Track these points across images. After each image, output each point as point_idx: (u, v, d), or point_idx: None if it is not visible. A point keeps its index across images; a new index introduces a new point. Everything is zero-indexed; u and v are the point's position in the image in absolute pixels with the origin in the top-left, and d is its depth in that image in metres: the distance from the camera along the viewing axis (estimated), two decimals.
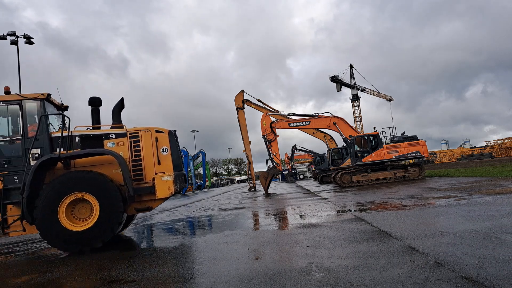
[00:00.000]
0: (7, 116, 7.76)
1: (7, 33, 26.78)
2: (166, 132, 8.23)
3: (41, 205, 6.89)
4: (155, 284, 4.16)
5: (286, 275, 3.93)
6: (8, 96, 7.66)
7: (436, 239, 4.90)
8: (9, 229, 7.30)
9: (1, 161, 7.36)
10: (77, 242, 6.95)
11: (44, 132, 7.55)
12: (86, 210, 7.19)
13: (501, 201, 7.92)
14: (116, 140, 7.89)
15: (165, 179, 7.65)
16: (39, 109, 7.73)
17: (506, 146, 64.00)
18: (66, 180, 7.08)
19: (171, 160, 8.03)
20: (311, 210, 10.17)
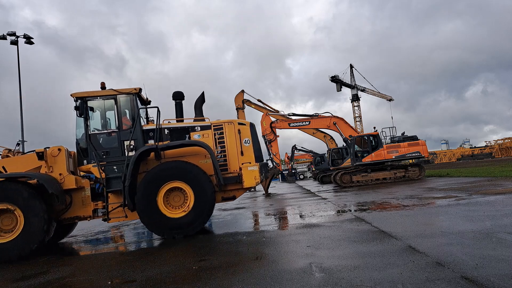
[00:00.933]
0: (104, 110, 8.23)
1: (7, 33, 26.77)
2: (247, 124, 8.63)
3: (141, 193, 7.29)
4: (155, 284, 4.16)
5: (286, 275, 3.93)
6: (104, 91, 8.03)
7: (436, 239, 4.90)
8: (109, 216, 7.74)
9: (100, 152, 7.75)
10: (173, 228, 7.29)
11: (138, 125, 7.94)
12: (179, 199, 7.55)
13: (501, 201, 7.92)
14: (201, 132, 8.28)
15: (251, 169, 7.99)
16: (132, 103, 8.10)
17: (506, 146, 63.99)
18: (164, 169, 7.45)
19: (253, 151, 8.39)
20: (311, 210, 10.17)
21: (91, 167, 7.71)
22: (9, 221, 6.99)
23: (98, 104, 8.09)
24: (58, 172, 7.64)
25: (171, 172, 7.43)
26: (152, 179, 7.35)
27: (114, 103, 8.02)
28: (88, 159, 7.79)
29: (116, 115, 7.99)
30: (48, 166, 7.63)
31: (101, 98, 8.02)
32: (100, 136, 7.96)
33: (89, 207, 7.83)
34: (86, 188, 7.88)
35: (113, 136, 7.94)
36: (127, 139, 7.82)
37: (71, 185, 7.62)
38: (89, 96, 7.92)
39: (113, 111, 8.07)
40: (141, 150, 7.45)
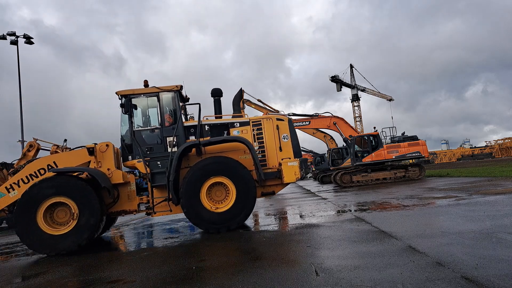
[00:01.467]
0: (147, 107, 8.47)
1: (6, 33, 26.77)
2: (286, 120, 8.70)
3: (185, 188, 7.43)
4: (155, 284, 4.16)
5: (286, 275, 3.93)
6: (147, 89, 8.20)
7: (436, 239, 4.90)
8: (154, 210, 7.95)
9: (145, 148, 7.93)
10: (216, 223, 7.44)
11: (180, 122, 8.12)
12: (221, 193, 7.69)
13: (501, 201, 7.91)
14: (240, 128, 8.42)
15: (291, 164, 8.00)
16: (174, 100, 8.28)
17: (506, 146, 63.96)
18: (207, 164, 7.59)
19: (292, 147, 8.46)
20: (311, 210, 10.17)
21: (136, 163, 7.93)
22: (63, 214, 7.20)
23: (142, 102, 8.32)
24: (106, 167, 7.85)
25: (214, 167, 7.58)
26: (195, 174, 7.52)
27: (156, 100, 8.20)
28: (133, 154, 8.01)
29: (159, 112, 8.19)
30: (97, 161, 7.86)
31: (144, 96, 8.23)
32: (143, 133, 8.18)
33: (135, 201, 8.08)
34: (132, 183, 8.12)
35: (156, 132, 8.16)
36: (170, 135, 8.03)
37: (119, 180, 7.84)
38: (133, 94, 8.13)
39: (155, 108, 8.27)
40: (185, 145, 7.65)
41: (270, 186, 8.39)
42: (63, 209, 7.20)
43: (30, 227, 6.94)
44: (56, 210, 7.20)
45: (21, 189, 7.44)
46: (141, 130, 8.19)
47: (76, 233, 7.02)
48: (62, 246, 6.96)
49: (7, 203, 7.55)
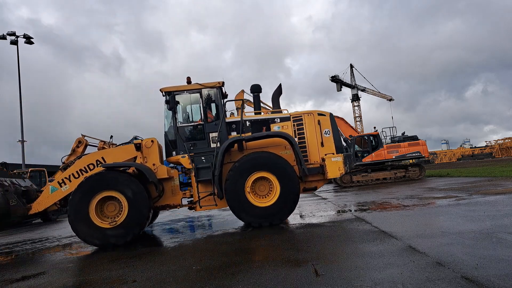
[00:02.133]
0: (190, 103, 8.61)
1: (6, 33, 26.79)
2: (327, 115, 8.70)
3: (230, 182, 7.57)
4: (155, 284, 4.16)
5: (286, 276, 3.92)
6: (190, 86, 8.37)
7: (436, 239, 4.90)
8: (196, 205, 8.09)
9: (188, 144, 8.11)
10: (260, 217, 7.54)
11: (222, 118, 8.28)
12: (264, 188, 7.78)
13: (502, 201, 7.91)
14: (280, 123, 8.47)
15: (335, 160, 8.05)
16: (216, 96, 8.41)
17: (506, 146, 63.92)
18: (252, 159, 7.69)
19: (333, 142, 8.49)
20: (311, 210, 10.16)
21: (180, 158, 8.09)
22: (112, 208, 7.38)
23: (185, 98, 8.45)
24: (151, 163, 8.02)
25: (258, 162, 7.67)
26: (240, 169, 7.62)
27: (199, 96, 8.36)
28: (177, 150, 8.18)
29: (202, 108, 8.34)
30: (143, 157, 8.05)
31: (187, 92, 8.37)
32: (187, 128, 8.36)
33: (178, 196, 8.26)
34: (175, 178, 8.28)
35: (199, 128, 8.33)
36: (212, 131, 8.22)
37: (163, 175, 7.99)
38: (176, 91, 8.28)
39: (198, 104, 8.43)
40: (230, 140, 7.81)
41: (311, 182, 8.46)
42: (113, 203, 7.40)
43: (82, 218, 7.13)
44: (106, 204, 7.39)
45: (72, 184, 7.74)
46: (184, 126, 8.36)
47: (125, 227, 7.20)
48: (110, 238, 7.17)
49: (59, 197, 7.86)
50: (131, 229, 7.21)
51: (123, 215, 7.25)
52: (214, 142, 8.15)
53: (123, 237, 7.18)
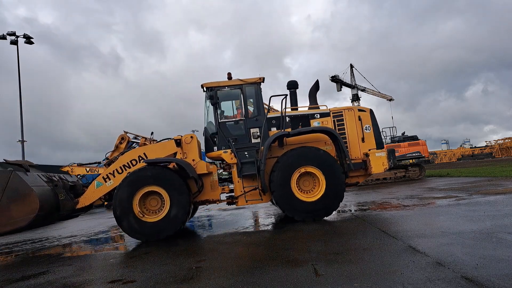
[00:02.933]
0: (231, 99, 8.81)
1: (6, 33, 26.79)
2: (368, 111, 8.74)
3: (276, 177, 7.64)
4: (155, 284, 4.16)
5: (286, 276, 3.92)
6: (231, 81, 8.51)
7: (436, 239, 4.90)
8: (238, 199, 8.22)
9: (229, 139, 8.19)
10: (305, 212, 7.60)
11: (263, 113, 8.37)
12: (309, 183, 7.82)
13: (502, 201, 7.91)
14: (320, 119, 8.54)
15: (379, 155, 8.08)
16: (256, 92, 8.49)
17: (506, 146, 63.91)
18: (297, 154, 7.73)
19: (374, 138, 8.52)
20: None
21: (222, 153, 8.20)
22: (155, 202, 7.54)
23: (226, 94, 8.56)
24: (191, 158, 8.13)
25: (304, 157, 7.71)
26: (286, 164, 7.68)
27: (240, 92, 8.45)
28: (218, 145, 8.26)
29: (243, 104, 8.42)
30: (182, 153, 8.17)
31: (228, 88, 8.46)
32: (228, 124, 8.44)
33: (217, 191, 8.32)
34: (214, 173, 8.35)
35: (240, 124, 8.42)
36: (253, 127, 8.30)
37: (203, 170, 8.07)
38: (218, 86, 8.39)
39: (239, 100, 8.54)
40: (276, 135, 7.88)
41: (352, 177, 8.48)
42: (155, 198, 7.54)
43: (126, 212, 7.29)
44: (149, 198, 7.53)
45: (116, 179, 7.94)
46: (226, 122, 8.44)
47: (169, 222, 7.32)
48: (152, 233, 7.29)
49: (104, 191, 8.06)
50: (172, 223, 7.34)
51: (165, 209, 7.39)
52: (255, 138, 8.25)
53: (164, 231, 7.30)
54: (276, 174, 7.66)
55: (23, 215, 7.09)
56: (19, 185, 7.12)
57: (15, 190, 7.10)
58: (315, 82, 9.59)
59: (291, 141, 8.26)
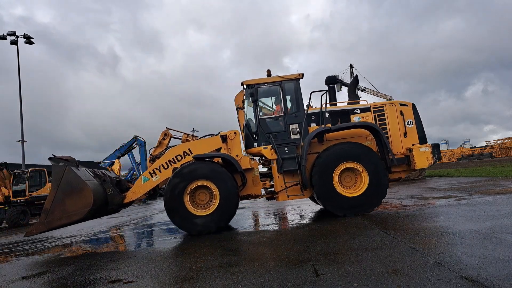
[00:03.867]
0: (270, 95, 8.80)
1: (7, 33, 26.79)
2: (410, 105, 8.65)
3: (318, 172, 7.65)
4: (155, 284, 4.16)
5: (287, 276, 3.92)
6: (271, 78, 8.58)
7: (436, 239, 4.90)
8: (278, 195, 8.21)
9: (269, 135, 8.27)
10: (346, 207, 7.62)
11: (303, 109, 8.41)
12: (350, 179, 7.84)
13: (501, 201, 7.91)
14: (361, 114, 8.49)
15: (423, 150, 8.03)
16: (295, 88, 8.53)
17: (506, 146, 63.88)
18: (339, 150, 7.75)
19: (417, 133, 8.47)
20: (311, 210, 10.16)
21: (262, 149, 8.25)
22: (203, 197, 7.70)
23: (266, 90, 8.61)
24: (235, 153, 8.27)
25: (346, 153, 7.70)
26: (328, 159, 7.69)
27: (279, 89, 8.49)
28: (258, 141, 8.34)
29: (282, 100, 8.45)
30: (227, 148, 8.33)
31: (268, 85, 8.52)
32: (268, 120, 8.49)
33: (259, 186, 8.42)
34: (255, 168, 8.46)
35: (280, 120, 8.44)
36: (292, 123, 8.34)
37: (246, 165, 8.23)
38: (258, 83, 8.49)
39: (279, 97, 8.55)
40: (317, 131, 7.87)
41: (394, 173, 8.45)
42: (203, 192, 7.67)
43: (177, 205, 7.46)
44: (197, 192, 7.67)
45: (162, 174, 8.19)
46: (265, 118, 8.50)
47: (217, 215, 7.46)
48: (201, 226, 7.44)
49: (151, 186, 8.30)
50: (221, 217, 7.48)
51: (214, 203, 7.52)
52: (294, 134, 8.27)
53: (214, 225, 7.44)
54: (318, 169, 7.66)
55: (78, 208, 7.30)
56: (73, 179, 7.35)
57: (70, 184, 7.34)
58: (354, 77, 9.60)
59: (331, 136, 8.24)
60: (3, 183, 18.70)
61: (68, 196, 7.33)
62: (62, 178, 7.36)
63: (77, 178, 7.35)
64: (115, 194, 8.06)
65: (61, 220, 7.40)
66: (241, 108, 27.40)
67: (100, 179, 8.06)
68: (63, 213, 7.34)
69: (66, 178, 7.36)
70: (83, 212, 7.31)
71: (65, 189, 7.35)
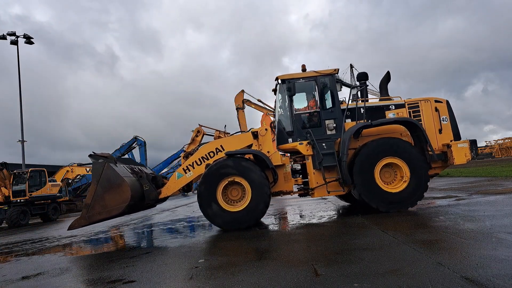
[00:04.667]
0: (305, 90, 8.77)
1: (7, 33, 26.79)
2: (444, 102, 8.69)
3: (359, 168, 7.65)
4: (155, 284, 4.16)
5: (287, 276, 3.92)
6: (306, 73, 8.55)
7: (436, 239, 4.90)
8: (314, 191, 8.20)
9: (305, 131, 8.20)
10: (391, 203, 7.59)
11: (338, 104, 8.38)
12: (389, 174, 7.85)
13: (501, 201, 7.91)
14: (395, 110, 8.50)
15: (461, 146, 8.05)
16: (331, 84, 8.50)
17: (506, 146, 63.86)
18: (381, 145, 7.73)
19: (451, 129, 8.50)
20: (311, 210, 10.16)
21: (298, 145, 8.22)
22: (236, 193, 7.81)
23: (301, 86, 8.54)
24: (266, 150, 8.28)
25: (386, 148, 7.68)
26: (370, 155, 7.68)
27: (314, 84, 8.44)
28: (294, 137, 8.31)
29: (318, 96, 8.42)
30: (258, 145, 8.35)
31: (303, 80, 8.47)
32: (304, 116, 8.45)
33: (291, 182, 8.41)
34: (287, 165, 8.45)
35: (315, 115, 8.40)
36: (328, 118, 8.31)
37: (277, 162, 8.25)
38: (293, 78, 8.43)
39: (314, 92, 8.53)
40: (358, 126, 7.91)
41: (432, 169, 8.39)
42: (235, 188, 7.80)
43: (211, 200, 7.60)
44: (229, 188, 7.80)
45: (196, 170, 8.37)
46: (301, 113, 8.46)
47: (250, 213, 7.57)
48: (235, 222, 7.55)
49: (185, 182, 8.49)
50: (253, 214, 7.55)
51: (246, 200, 7.62)
52: (330, 130, 8.25)
53: (245, 221, 7.54)
54: (358, 165, 7.64)
55: (117, 204, 7.53)
56: (111, 176, 7.58)
57: (108, 180, 7.57)
58: (386, 73, 9.54)
59: (366, 132, 8.24)
60: (3, 183, 18.72)
61: (107, 191, 7.59)
62: (101, 175, 7.61)
63: (115, 174, 7.59)
64: (151, 190, 8.25)
65: (101, 215, 7.64)
66: (241, 108, 27.36)
67: (137, 175, 8.27)
68: (103, 208, 7.58)
69: (105, 175, 7.61)
70: (121, 207, 7.56)
71: (104, 185, 7.60)
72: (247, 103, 25.46)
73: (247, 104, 25.38)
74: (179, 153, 28.47)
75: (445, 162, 8.29)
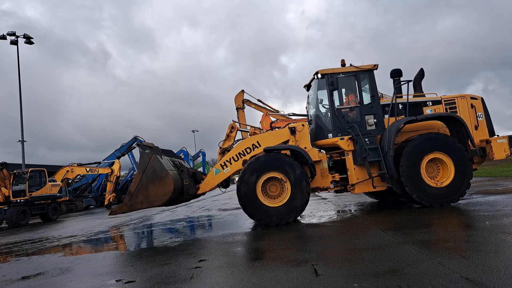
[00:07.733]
0: (345, 85, 8.76)
1: (6, 33, 26.80)
2: (479, 98, 8.79)
3: (406, 163, 7.64)
4: (155, 284, 4.16)
5: (286, 276, 3.92)
6: (346, 68, 8.55)
7: (436, 239, 4.90)
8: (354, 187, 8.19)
9: (355, 125, 8.14)
10: (435, 198, 7.62)
11: (377, 100, 8.38)
12: (432, 170, 7.87)
13: (501, 201, 7.92)
14: (432, 107, 8.59)
15: (501, 142, 8.17)
16: (370, 79, 8.49)
17: None
18: (428, 140, 7.75)
19: (486, 125, 8.59)
20: (311, 210, 10.16)
21: (339, 140, 8.22)
22: (275, 188, 7.84)
23: (341, 80, 8.51)
24: (303, 146, 8.25)
25: (435, 144, 7.71)
26: (416, 149, 7.68)
27: (354, 79, 8.44)
28: (334, 132, 8.30)
29: (358, 91, 8.41)
30: (295, 140, 8.31)
31: (343, 75, 8.45)
32: (344, 111, 8.44)
33: (328, 178, 8.39)
34: (324, 161, 8.44)
35: (355, 110, 8.39)
36: (368, 114, 8.30)
37: (315, 158, 8.22)
38: (333, 73, 8.40)
39: (353, 87, 8.51)
40: (404, 120, 7.93)
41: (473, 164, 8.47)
42: (274, 184, 7.82)
43: (250, 196, 7.63)
44: (268, 184, 7.81)
45: (233, 166, 8.40)
46: (341, 109, 8.45)
47: (290, 208, 7.60)
48: (274, 218, 7.58)
49: (222, 178, 8.54)
50: (293, 209, 7.59)
51: (286, 196, 7.63)
52: (369, 125, 8.26)
53: (285, 217, 7.55)
54: (405, 159, 7.63)
55: (159, 195, 7.68)
56: (157, 167, 7.70)
57: (154, 171, 7.70)
58: (419, 70, 9.55)
59: (406, 128, 8.25)
60: (3, 183, 18.70)
61: (151, 182, 7.71)
62: (147, 165, 7.74)
63: (161, 166, 7.71)
64: (191, 185, 8.32)
65: (142, 204, 7.79)
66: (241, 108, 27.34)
67: (178, 169, 8.34)
68: (145, 198, 7.73)
69: (152, 166, 7.73)
70: (163, 200, 7.70)
71: (149, 175, 7.73)
72: (247, 103, 25.44)
73: (247, 104, 25.36)
74: (179, 153, 28.49)
75: (482, 158, 8.37)
